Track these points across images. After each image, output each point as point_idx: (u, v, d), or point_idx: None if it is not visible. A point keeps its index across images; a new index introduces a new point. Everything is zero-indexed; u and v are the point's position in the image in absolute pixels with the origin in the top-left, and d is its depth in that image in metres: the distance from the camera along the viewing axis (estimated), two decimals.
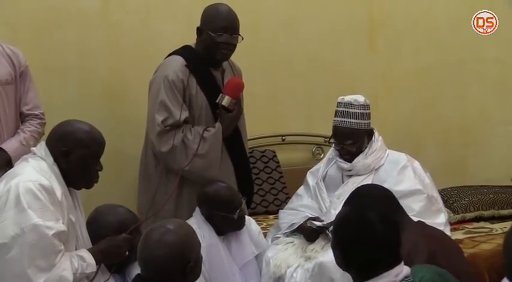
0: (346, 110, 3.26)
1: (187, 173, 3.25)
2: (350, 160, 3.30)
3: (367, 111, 3.29)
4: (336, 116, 3.31)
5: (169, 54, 3.44)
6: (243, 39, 3.36)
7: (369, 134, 3.33)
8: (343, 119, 3.27)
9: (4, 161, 3.05)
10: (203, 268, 3.00)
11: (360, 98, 3.29)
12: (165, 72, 3.30)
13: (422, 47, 5.00)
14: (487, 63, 4.86)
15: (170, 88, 3.26)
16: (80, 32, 4.04)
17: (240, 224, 3.19)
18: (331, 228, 2.83)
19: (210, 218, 3.15)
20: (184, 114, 3.26)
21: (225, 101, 3.30)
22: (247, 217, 3.29)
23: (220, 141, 3.31)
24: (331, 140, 3.38)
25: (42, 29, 3.92)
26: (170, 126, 3.24)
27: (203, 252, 3.03)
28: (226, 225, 3.16)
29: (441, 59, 4.96)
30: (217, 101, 3.31)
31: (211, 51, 3.33)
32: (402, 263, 2.04)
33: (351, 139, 3.27)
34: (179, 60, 3.34)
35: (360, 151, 3.29)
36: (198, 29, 3.38)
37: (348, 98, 3.28)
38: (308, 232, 3.23)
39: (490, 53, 4.82)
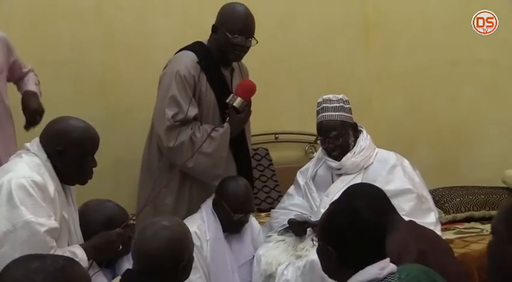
0: (326, 105, 3.31)
1: (191, 170, 3.23)
2: (338, 157, 3.31)
3: (347, 105, 3.33)
4: (317, 115, 3.35)
5: (180, 50, 3.40)
6: (257, 42, 3.33)
7: (354, 128, 3.34)
8: (324, 114, 3.31)
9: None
10: (203, 263, 3.05)
11: (339, 95, 3.34)
12: (176, 67, 3.26)
13: (417, 47, 5.00)
14: (481, 64, 4.86)
15: (181, 83, 3.22)
16: (75, 27, 4.04)
17: (235, 228, 3.21)
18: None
19: (216, 208, 3.17)
20: (194, 111, 3.24)
21: (237, 102, 3.28)
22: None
23: (228, 141, 3.29)
24: (318, 139, 3.41)
25: (37, 24, 3.91)
26: (180, 121, 3.21)
27: (208, 245, 3.08)
28: (225, 221, 3.17)
29: (435, 60, 4.96)
30: (227, 100, 3.29)
31: (224, 50, 3.31)
32: (388, 259, 2.04)
33: (334, 130, 3.28)
34: (191, 56, 3.31)
35: (346, 145, 3.30)
36: (213, 26, 3.34)
37: (326, 96, 3.34)
38: (295, 226, 3.24)
39: (484, 54, 4.83)
